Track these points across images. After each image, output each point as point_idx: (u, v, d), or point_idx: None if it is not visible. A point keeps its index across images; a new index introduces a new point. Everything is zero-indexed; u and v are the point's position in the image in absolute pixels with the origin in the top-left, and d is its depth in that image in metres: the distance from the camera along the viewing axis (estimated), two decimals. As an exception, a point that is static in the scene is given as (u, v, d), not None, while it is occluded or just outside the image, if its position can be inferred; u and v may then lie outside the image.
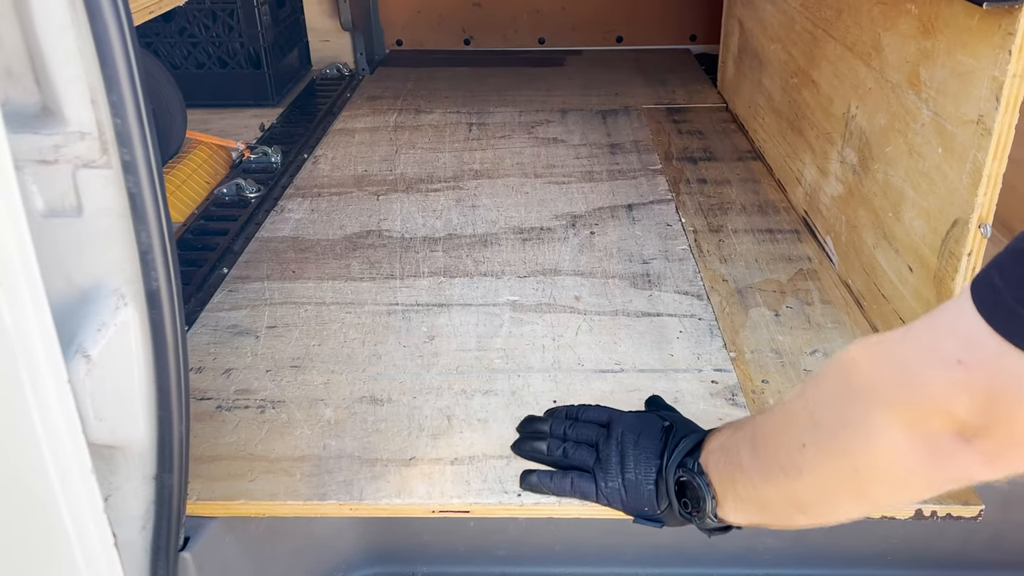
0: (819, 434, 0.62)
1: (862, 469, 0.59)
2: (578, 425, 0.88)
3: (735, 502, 0.72)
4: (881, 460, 0.57)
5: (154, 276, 0.65)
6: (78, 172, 0.62)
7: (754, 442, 0.70)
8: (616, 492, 0.81)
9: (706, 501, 0.73)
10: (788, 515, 0.69)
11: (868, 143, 1.15)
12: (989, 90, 0.82)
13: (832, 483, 0.63)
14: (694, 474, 0.75)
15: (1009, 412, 0.50)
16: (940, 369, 0.52)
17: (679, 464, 0.77)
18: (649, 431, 0.82)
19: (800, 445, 0.63)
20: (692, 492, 0.75)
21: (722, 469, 0.73)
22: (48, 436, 0.49)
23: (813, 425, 0.62)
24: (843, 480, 0.62)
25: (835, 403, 0.60)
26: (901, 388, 0.55)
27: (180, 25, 1.99)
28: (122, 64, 0.58)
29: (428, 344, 1.11)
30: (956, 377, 0.51)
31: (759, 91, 1.76)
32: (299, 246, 1.38)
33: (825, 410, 0.61)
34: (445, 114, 2.01)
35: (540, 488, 0.85)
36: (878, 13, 1.12)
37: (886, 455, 0.57)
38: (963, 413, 0.51)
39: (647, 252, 1.34)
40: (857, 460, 0.59)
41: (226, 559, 0.89)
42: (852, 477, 0.61)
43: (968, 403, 0.51)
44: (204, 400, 1.00)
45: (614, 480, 0.81)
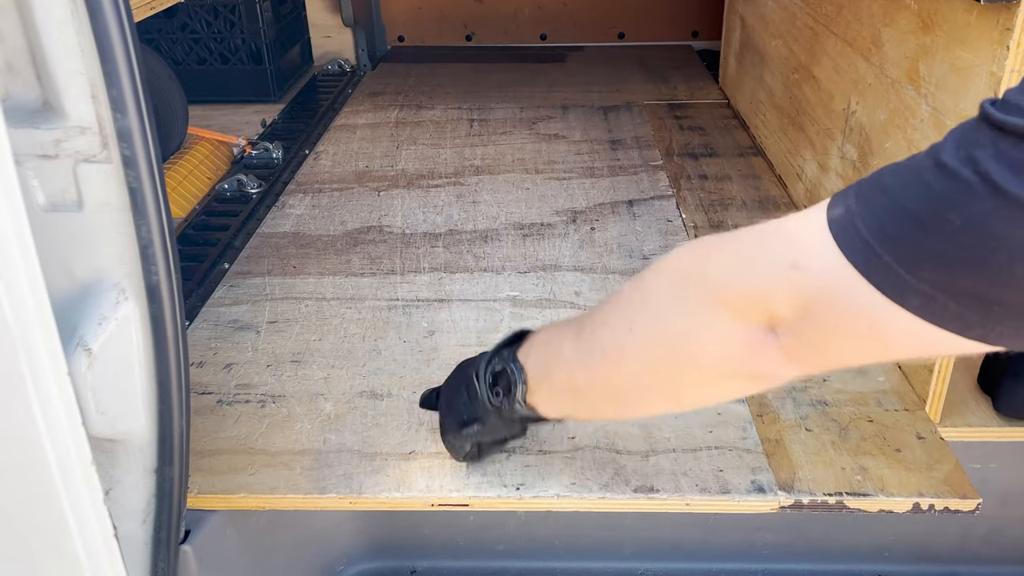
0: (647, 315, 0.63)
1: (680, 353, 0.61)
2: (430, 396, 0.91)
3: (549, 392, 0.73)
4: (700, 344, 0.59)
5: (154, 270, 0.65)
6: (79, 167, 0.62)
7: (580, 329, 0.70)
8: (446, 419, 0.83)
9: (516, 387, 0.74)
10: (599, 405, 0.71)
11: (868, 138, 1.15)
12: (987, 85, 0.82)
13: (649, 368, 0.64)
14: (508, 361, 0.75)
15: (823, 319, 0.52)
16: (775, 269, 0.54)
17: (494, 355, 0.77)
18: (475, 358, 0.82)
19: (628, 328, 0.64)
20: (504, 380, 0.76)
21: (541, 360, 0.74)
22: (49, 429, 0.49)
23: (643, 306, 0.64)
24: (660, 365, 0.63)
25: (670, 287, 0.62)
26: (733, 280, 0.57)
27: (182, 21, 1.99)
28: (122, 60, 0.58)
29: (428, 339, 1.11)
30: (788, 279, 0.53)
31: (760, 87, 1.76)
32: (300, 242, 1.38)
33: (658, 293, 0.63)
34: (446, 110, 2.01)
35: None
36: (878, 9, 1.12)
37: (706, 340, 0.59)
38: (783, 311, 0.54)
39: (647, 248, 1.35)
40: (678, 343, 0.61)
41: (226, 552, 0.90)
42: (670, 362, 0.63)
43: (791, 304, 0.53)
44: (205, 394, 1.00)
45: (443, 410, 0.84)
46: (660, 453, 0.90)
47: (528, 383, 0.74)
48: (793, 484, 0.85)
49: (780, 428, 0.94)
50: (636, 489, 0.85)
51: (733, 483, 0.86)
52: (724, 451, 0.90)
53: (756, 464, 0.88)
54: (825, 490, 0.85)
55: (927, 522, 1.05)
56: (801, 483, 0.85)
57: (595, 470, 0.88)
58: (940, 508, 0.85)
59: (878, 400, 0.98)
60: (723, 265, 0.58)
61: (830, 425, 0.94)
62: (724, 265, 0.58)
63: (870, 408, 0.97)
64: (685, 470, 0.87)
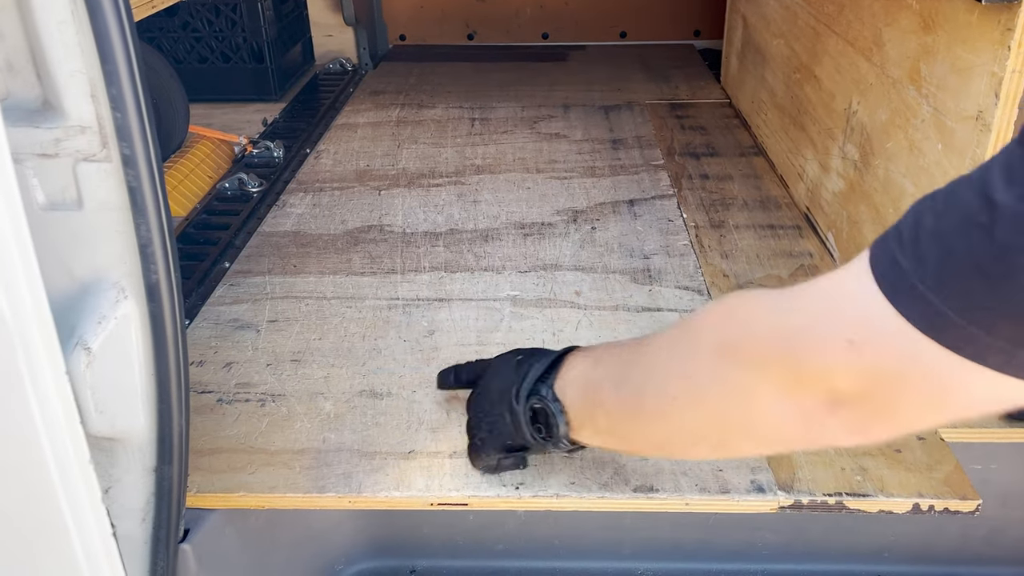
0: (691, 387, 0.61)
1: (731, 426, 0.60)
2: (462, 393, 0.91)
3: (594, 432, 0.73)
4: (751, 420, 0.57)
5: (154, 269, 0.65)
6: (78, 166, 0.62)
7: (619, 382, 0.68)
8: (486, 442, 0.83)
9: (559, 427, 0.74)
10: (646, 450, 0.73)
11: (869, 138, 1.15)
12: (988, 86, 0.82)
13: (697, 433, 0.63)
14: (547, 401, 0.75)
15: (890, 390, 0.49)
16: (829, 346, 0.50)
17: (531, 392, 0.76)
18: (504, 370, 0.82)
19: (670, 396, 0.63)
20: (545, 418, 0.76)
21: (581, 402, 0.73)
22: (47, 428, 0.49)
23: (685, 376, 0.62)
24: (709, 432, 0.62)
25: (711, 359, 0.59)
26: (784, 358, 0.54)
27: (183, 20, 1.99)
28: (122, 59, 0.58)
29: (428, 338, 1.11)
30: (845, 357, 0.49)
31: (762, 86, 1.76)
32: (300, 241, 1.38)
33: (700, 364, 0.60)
34: (447, 109, 2.01)
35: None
36: (879, 8, 1.12)
37: (758, 417, 0.57)
38: (842, 386, 0.51)
39: (648, 247, 1.35)
40: (727, 418, 0.59)
41: (226, 551, 0.90)
42: (719, 431, 0.61)
43: (851, 380, 0.50)
44: (205, 393, 1.00)
45: (483, 431, 0.83)
46: (660, 453, 0.90)
47: (570, 422, 0.74)
48: (793, 484, 0.85)
49: (780, 428, 0.94)
50: (636, 488, 0.85)
51: (733, 483, 0.86)
52: (724, 451, 0.90)
53: (756, 464, 0.88)
54: (825, 490, 0.85)
55: (927, 523, 1.05)
56: (801, 483, 0.85)
57: (594, 469, 0.88)
58: (940, 509, 0.85)
59: (878, 400, 0.98)
60: (770, 340, 0.55)
61: (830, 425, 0.94)
62: (771, 340, 0.55)
63: (870, 408, 0.97)
64: (685, 470, 0.87)
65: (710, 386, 0.59)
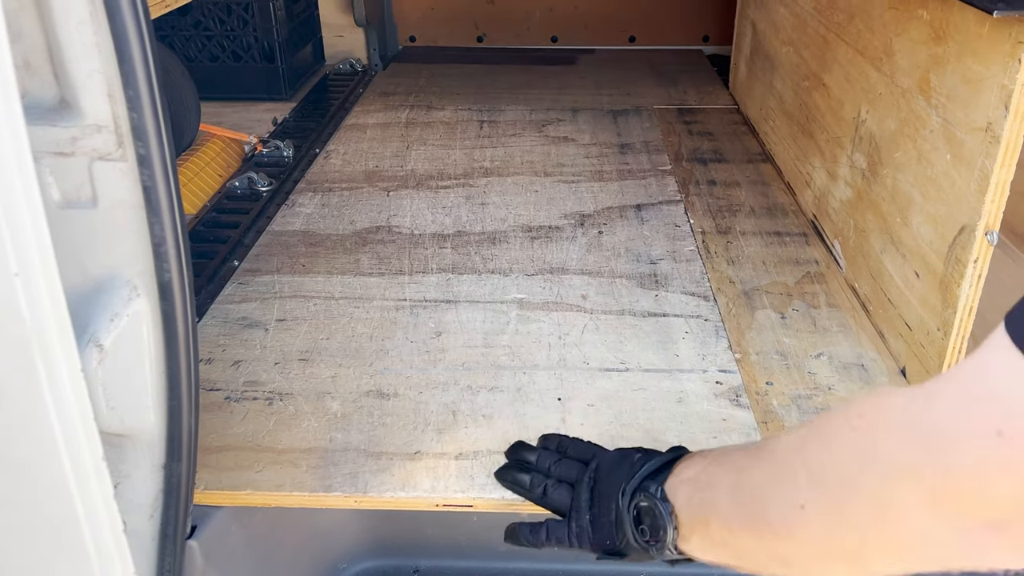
0: (822, 497, 0.54)
1: (871, 542, 0.51)
2: (563, 462, 0.83)
3: (705, 542, 0.66)
4: (896, 536, 0.50)
5: (167, 268, 0.66)
6: (94, 164, 0.63)
7: (737, 489, 0.62)
8: (584, 531, 0.76)
9: (666, 531, 0.67)
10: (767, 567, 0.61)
11: (877, 148, 1.15)
12: (998, 98, 0.82)
13: (830, 550, 0.55)
14: (655, 499, 0.68)
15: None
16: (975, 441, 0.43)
17: (638, 488, 0.70)
18: (622, 465, 0.76)
19: (797, 506, 0.55)
20: (651, 519, 0.69)
21: (694, 506, 0.66)
22: (61, 424, 0.50)
23: (814, 485, 0.55)
24: (844, 549, 0.54)
25: (845, 466, 0.52)
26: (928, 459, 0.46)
27: (195, 18, 2.00)
28: (139, 59, 0.59)
29: (435, 340, 1.12)
30: (995, 453, 0.42)
31: (770, 93, 1.76)
32: (309, 240, 1.39)
33: (832, 471, 0.53)
34: (457, 111, 2.02)
35: (520, 542, 0.83)
36: (890, 18, 1.12)
37: (903, 532, 0.49)
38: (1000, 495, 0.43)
39: (655, 252, 1.35)
40: (867, 532, 0.51)
41: (232, 549, 0.90)
42: (857, 548, 0.52)
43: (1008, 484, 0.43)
44: (213, 391, 1.01)
45: (583, 519, 0.76)
46: (664, 458, 0.90)
47: (680, 529, 0.67)
48: (797, 492, 0.85)
49: (784, 435, 0.94)
50: (640, 494, 0.85)
51: (737, 489, 0.86)
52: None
53: (760, 471, 0.88)
54: (828, 498, 0.85)
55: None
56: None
57: (599, 474, 0.88)
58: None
59: (883, 409, 0.98)
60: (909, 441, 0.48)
61: (835, 433, 0.94)
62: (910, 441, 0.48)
63: (875, 417, 0.97)
64: (689, 476, 0.88)
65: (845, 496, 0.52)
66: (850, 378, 1.04)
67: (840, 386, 1.02)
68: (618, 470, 0.75)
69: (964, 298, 0.90)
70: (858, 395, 0.56)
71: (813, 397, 1.01)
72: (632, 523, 0.70)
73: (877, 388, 0.57)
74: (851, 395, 1.01)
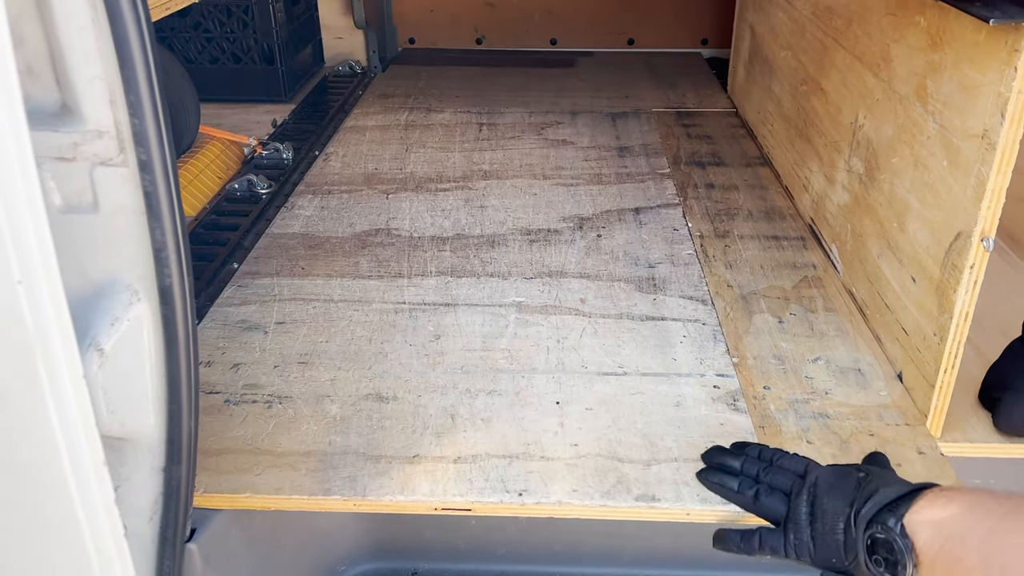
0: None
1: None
2: (773, 470, 0.83)
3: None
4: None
5: (167, 273, 0.66)
6: (95, 170, 0.63)
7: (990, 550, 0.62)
8: (805, 545, 0.76)
9: (906, 568, 0.67)
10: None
11: (875, 153, 1.16)
12: (994, 105, 0.83)
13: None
14: (895, 535, 0.68)
15: None
16: None
17: (873, 518, 0.71)
18: (843, 483, 0.76)
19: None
20: (888, 552, 0.69)
21: (936, 550, 0.66)
22: (63, 427, 0.50)
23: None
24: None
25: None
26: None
27: (195, 20, 2.00)
28: (140, 65, 0.59)
29: (434, 343, 1.12)
30: None
31: (769, 97, 1.76)
32: (309, 243, 1.39)
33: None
34: (456, 113, 2.02)
35: (731, 548, 0.82)
36: (887, 24, 1.13)
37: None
38: None
39: (653, 256, 1.35)
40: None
41: (231, 552, 0.91)
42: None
43: None
44: (212, 394, 1.01)
45: (804, 532, 0.76)
46: (662, 462, 0.91)
47: (919, 566, 0.67)
48: (793, 496, 0.86)
49: (781, 440, 0.95)
50: (637, 497, 0.86)
51: (734, 494, 0.86)
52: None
53: (757, 475, 0.89)
54: (825, 503, 0.85)
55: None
56: (801, 495, 0.86)
57: (597, 478, 0.88)
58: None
59: (879, 414, 0.99)
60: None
61: (831, 438, 0.95)
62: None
63: (871, 422, 0.98)
64: (686, 479, 0.88)
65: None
66: (847, 382, 1.04)
67: (837, 391, 1.03)
68: (841, 488, 0.76)
69: (960, 303, 0.90)
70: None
71: (810, 401, 1.01)
72: (865, 551, 0.70)
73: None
74: (847, 400, 1.01)
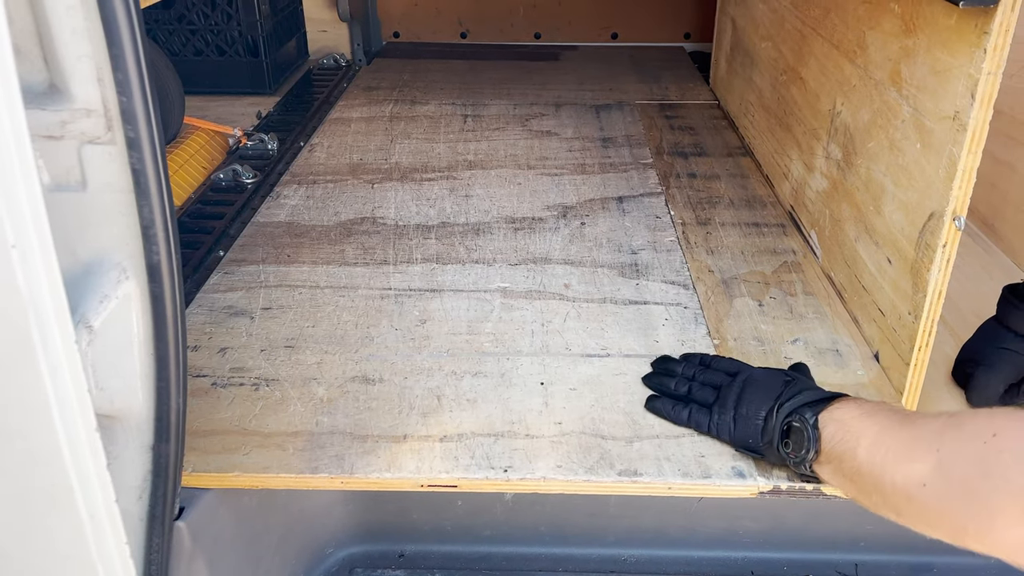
0: (942, 486, 0.66)
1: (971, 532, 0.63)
2: (708, 371, 0.96)
3: (835, 474, 0.78)
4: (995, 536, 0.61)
5: (155, 250, 0.67)
6: (83, 148, 0.64)
7: (876, 445, 0.73)
8: (726, 425, 0.88)
9: (809, 451, 0.79)
10: (880, 509, 0.74)
11: (852, 138, 1.18)
12: (965, 87, 0.85)
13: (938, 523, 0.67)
14: (808, 425, 0.80)
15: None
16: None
17: (794, 410, 0.82)
18: (771, 380, 0.89)
19: (920, 482, 0.67)
20: (797, 438, 0.81)
21: (836, 443, 0.78)
22: (56, 395, 0.51)
23: (940, 474, 0.66)
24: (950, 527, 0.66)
25: (968, 468, 0.64)
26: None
27: (179, 12, 2.00)
28: (128, 43, 0.60)
29: (420, 327, 1.13)
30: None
31: (750, 88, 1.79)
32: (294, 231, 1.40)
33: (956, 469, 0.65)
34: (440, 105, 2.03)
35: (660, 413, 0.95)
36: (863, 12, 1.15)
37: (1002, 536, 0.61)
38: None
39: (636, 243, 1.37)
40: (972, 524, 0.63)
41: (219, 531, 0.92)
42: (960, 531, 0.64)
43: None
44: (200, 377, 1.02)
45: (727, 415, 0.88)
46: (644, 439, 0.92)
47: (819, 453, 0.79)
48: (772, 470, 0.88)
49: (761, 417, 0.96)
50: (620, 472, 0.88)
51: (714, 468, 0.88)
52: (706, 438, 0.92)
53: (736, 452, 0.90)
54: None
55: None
56: (780, 470, 0.88)
57: (581, 454, 0.90)
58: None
59: (857, 392, 1.00)
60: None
61: (810, 415, 0.97)
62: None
63: (849, 399, 0.99)
64: (668, 455, 0.90)
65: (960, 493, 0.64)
66: (825, 363, 1.06)
67: (815, 371, 1.05)
68: (770, 384, 0.88)
69: (934, 282, 0.92)
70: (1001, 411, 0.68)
71: (789, 381, 1.03)
72: (779, 435, 0.83)
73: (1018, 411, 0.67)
74: (825, 378, 1.03)
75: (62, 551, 0.60)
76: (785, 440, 0.83)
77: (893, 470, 0.70)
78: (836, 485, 0.80)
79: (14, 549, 0.60)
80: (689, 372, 0.98)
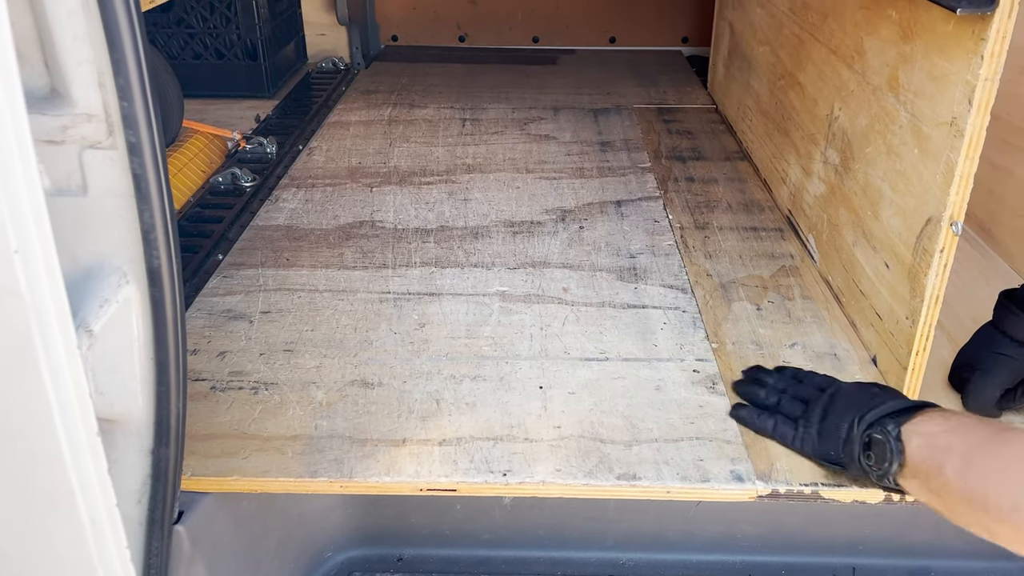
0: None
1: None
2: (800, 385, 0.95)
3: (922, 488, 0.76)
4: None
5: (156, 255, 0.67)
6: (84, 153, 0.64)
7: (968, 464, 0.71)
8: (811, 438, 0.88)
9: (892, 464, 0.78)
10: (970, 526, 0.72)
11: (850, 144, 1.19)
12: (962, 93, 0.85)
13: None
14: (891, 437, 0.78)
15: None
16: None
17: (876, 421, 0.80)
18: (859, 393, 0.87)
19: (1013, 507, 0.66)
20: (879, 450, 0.79)
21: (922, 458, 0.76)
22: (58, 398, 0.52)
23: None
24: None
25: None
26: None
27: (178, 16, 2.00)
28: (130, 48, 0.61)
29: (419, 331, 1.14)
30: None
31: (747, 93, 1.79)
32: (293, 235, 1.40)
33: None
34: (439, 109, 2.04)
35: (744, 421, 0.94)
36: (861, 18, 1.16)
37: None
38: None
39: (634, 247, 1.38)
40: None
41: (218, 535, 0.92)
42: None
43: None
44: (199, 381, 1.02)
45: (812, 427, 0.88)
46: (643, 443, 0.93)
47: (904, 467, 0.77)
48: (771, 474, 0.88)
49: (759, 421, 0.97)
50: (619, 476, 0.88)
51: (713, 472, 0.88)
52: (705, 442, 0.93)
53: (735, 455, 0.91)
54: (801, 480, 0.88)
55: (901, 517, 1.08)
56: (778, 473, 0.88)
57: (580, 458, 0.90)
58: (911, 500, 0.88)
59: (855, 396, 1.01)
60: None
61: (808, 419, 0.97)
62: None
63: (847, 403, 1.00)
64: (667, 459, 0.90)
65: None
66: (823, 367, 1.07)
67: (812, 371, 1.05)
68: (856, 397, 0.86)
69: (931, 287, 0.93)
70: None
71: (787, 385, 1.03)
72: (861, 447, 0.81)
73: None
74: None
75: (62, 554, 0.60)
76: (867, 452, 0.81)
77: (984, 491, 0.69)
78: (923, 500, 0.78)
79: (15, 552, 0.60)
80: (781, 384, 0.97)
